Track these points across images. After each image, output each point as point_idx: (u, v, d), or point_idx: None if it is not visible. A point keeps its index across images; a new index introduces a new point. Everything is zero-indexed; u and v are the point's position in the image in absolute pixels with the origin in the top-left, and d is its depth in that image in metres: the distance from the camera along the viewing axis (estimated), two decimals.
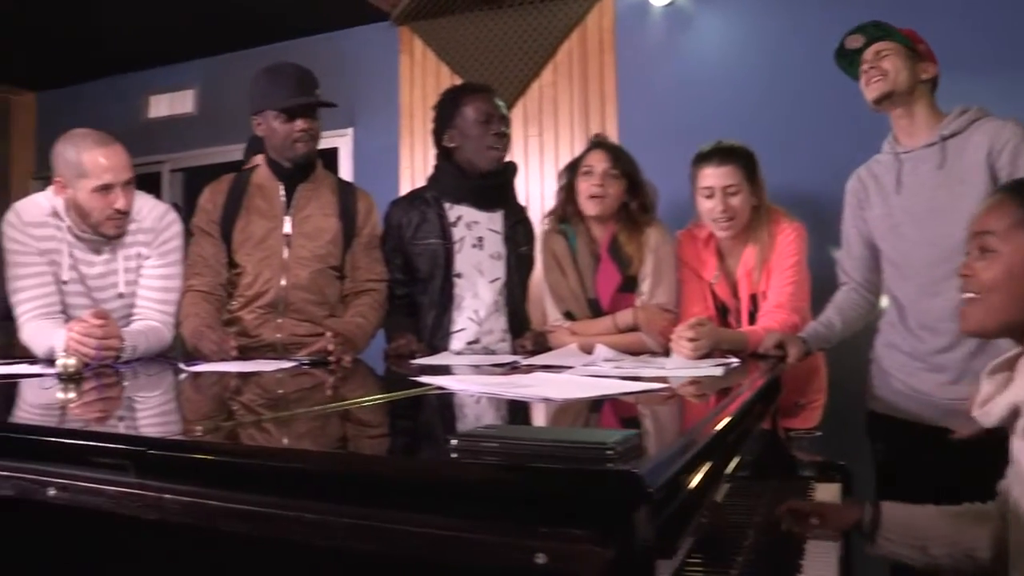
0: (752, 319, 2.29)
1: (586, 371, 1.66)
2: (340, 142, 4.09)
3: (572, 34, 3.67)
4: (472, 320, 2.41)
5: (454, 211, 2.45)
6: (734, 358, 1.91)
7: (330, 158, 3.86)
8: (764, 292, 2.29)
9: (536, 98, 3.73)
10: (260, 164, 2.43)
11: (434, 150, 2.53)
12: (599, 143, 2.47)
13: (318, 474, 0.85)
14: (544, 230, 2.51)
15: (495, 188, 2.49)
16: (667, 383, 1.52)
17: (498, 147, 2.42)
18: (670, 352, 1.99)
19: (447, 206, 2.44)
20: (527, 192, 3.51)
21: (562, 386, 1.37)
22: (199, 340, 2.16)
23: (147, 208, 2.24)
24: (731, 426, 1.17)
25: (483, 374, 1.79)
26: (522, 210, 2.61)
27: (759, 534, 1.42)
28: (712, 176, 2.25)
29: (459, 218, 2.44)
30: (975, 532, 1.44)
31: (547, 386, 1.33)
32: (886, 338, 2.20)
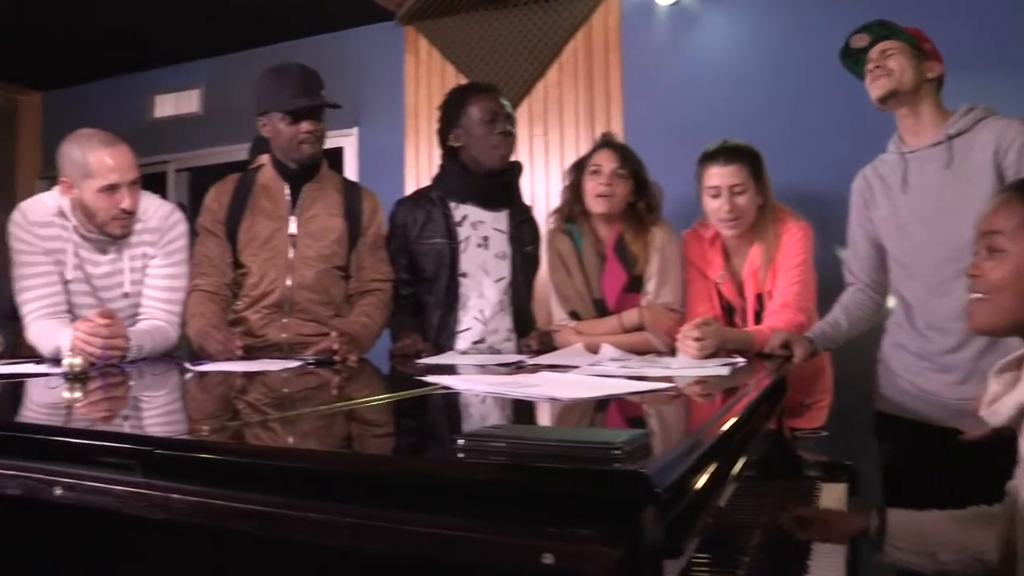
0: (758, 319, 2.29)
1: (592, 371, 1.66)
2: (345, 142, 4.09)
3: (577, 33, 3.67)
4: (477, 320, 2.41)
5: (459, 210, 2.45)
6: (740, 358, 1.90)
7: (335, 158, 3.86)
8: (770, 292, 2.28)
9: (541, 97, 3.73)
10: (265, 164, 2.43)
11: (439, 149, 2.54)
12: (607, 142, 2.46)
13: (324, 474, 0.84)
14: (549, 229, 2.51)
15: (500, 187, 2.49)
16: (673, 383, 1.52)
17: (503, 147, 2.42)
18: (676, 352, 1.99)
19: (452, 205, 2.44)
20: (532, 191, 3.51)
21: (568, 386, 1.37)
22: (204, 340, 2.16)
23: (153, 208, 2.25)
24: (737, 426, 1.17)
25: (488, 374, 1.79)
26: (527, 209, 2.61)
27: (765, 534, 1.41)
28: (718, 175, 2.25)
29: (464, 217, 2.44)
30: (983, 535, 1.43)
31: (553, 386, 1.33)
32: (893, 338, 2.19)
